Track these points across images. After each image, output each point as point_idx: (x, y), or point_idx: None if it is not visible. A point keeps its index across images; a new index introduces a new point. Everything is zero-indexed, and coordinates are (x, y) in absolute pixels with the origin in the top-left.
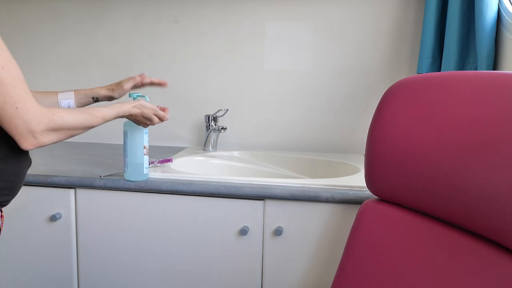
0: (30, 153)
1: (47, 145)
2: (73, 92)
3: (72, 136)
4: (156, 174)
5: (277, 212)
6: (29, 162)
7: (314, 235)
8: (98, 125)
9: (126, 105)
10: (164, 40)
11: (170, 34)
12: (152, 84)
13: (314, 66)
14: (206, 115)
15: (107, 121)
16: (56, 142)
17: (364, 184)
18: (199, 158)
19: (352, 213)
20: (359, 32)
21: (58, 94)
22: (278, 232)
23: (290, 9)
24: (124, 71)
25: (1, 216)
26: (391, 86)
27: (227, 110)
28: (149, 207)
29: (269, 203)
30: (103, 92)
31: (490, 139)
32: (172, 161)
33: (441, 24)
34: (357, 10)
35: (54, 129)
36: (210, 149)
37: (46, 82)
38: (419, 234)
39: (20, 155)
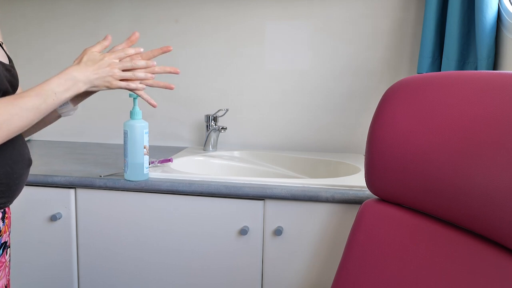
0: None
1: None
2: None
3: (18, 130)
4: (156, 174)
5: (277, 212)
6: (26, 162)
7: (314, 235)
8: (43, 105)
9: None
10: (164, 40)
11: (170, 34)
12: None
13: (314, 66)
14: (206, 115)
15: (55, 96)
16: None
17: (364, 184)
18: (199, 158)
19: (352, 213)
20: (359, 32)
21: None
22: (278, 232)
23: (290, 9)
24: None
25: (5, 218)
26: (391, 86)
27: (227, 110)
28: (149, 207)
29: (269, 203)
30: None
31: (490, 139)
32: (172, 161)
33: (441, 24)
34: (357, 10)
35: None
36: (210, 149)
37: None
38: (419, 234)
39: (10, 155)
